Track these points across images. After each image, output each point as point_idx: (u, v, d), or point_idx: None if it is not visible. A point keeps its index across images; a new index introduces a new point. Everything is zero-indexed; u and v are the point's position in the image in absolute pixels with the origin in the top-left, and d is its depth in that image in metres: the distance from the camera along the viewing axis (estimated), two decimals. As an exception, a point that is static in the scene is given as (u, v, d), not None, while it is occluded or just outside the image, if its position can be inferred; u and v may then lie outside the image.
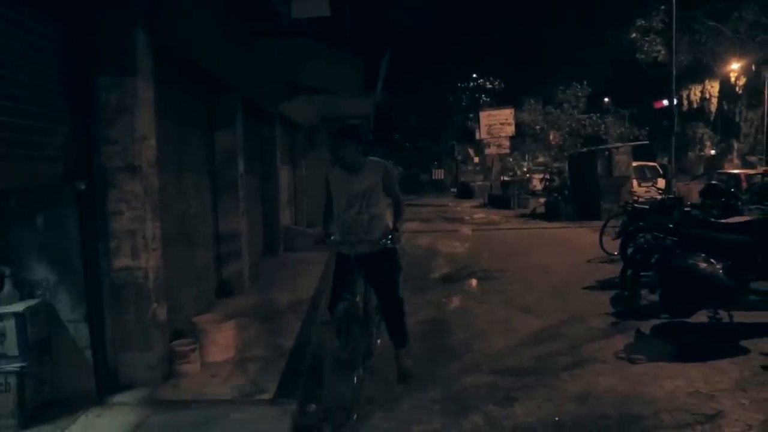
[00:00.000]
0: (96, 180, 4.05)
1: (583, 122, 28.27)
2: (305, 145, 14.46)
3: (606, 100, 34.26)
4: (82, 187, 3.93)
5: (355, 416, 3.68)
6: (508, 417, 3.75)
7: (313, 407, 3.61)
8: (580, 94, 28.50)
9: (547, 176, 21.40)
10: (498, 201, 23.86)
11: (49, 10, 3.70)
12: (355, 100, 12.42)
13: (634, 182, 17.73)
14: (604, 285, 7.52)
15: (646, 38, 24.44)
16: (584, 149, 20.85)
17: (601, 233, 9.87)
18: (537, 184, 26.90)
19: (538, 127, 29.17)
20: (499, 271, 8.85)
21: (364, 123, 16.83)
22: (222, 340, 4.70)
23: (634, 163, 18.08)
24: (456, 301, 6.97)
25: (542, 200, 19.96)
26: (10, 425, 3.59)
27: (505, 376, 4.45)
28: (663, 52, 23.18)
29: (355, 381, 3.99)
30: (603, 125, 28.75)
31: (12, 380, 3.60)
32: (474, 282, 8.25)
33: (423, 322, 5.96)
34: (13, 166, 3.37)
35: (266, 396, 3.92)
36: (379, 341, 4.71)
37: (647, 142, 25.35)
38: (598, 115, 29.21)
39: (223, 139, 7.03)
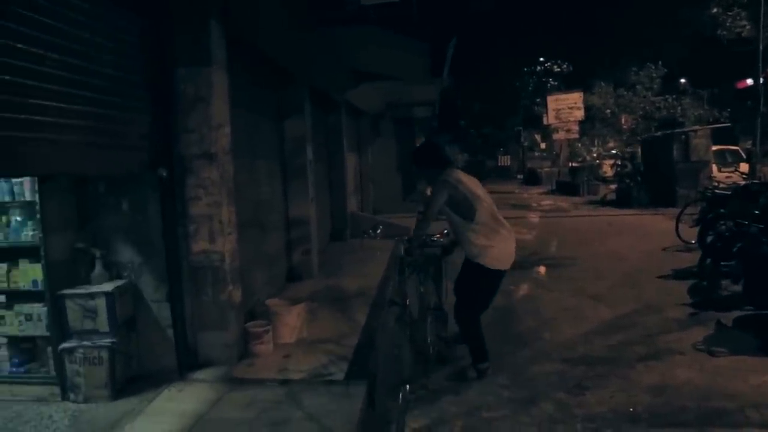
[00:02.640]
0: (176, 167, 4.24)
1: (657, 105, 26.92)
2: (371, 132, 14.56)
3: (682, 80, 32.46)
4: (164, 174, 4.14)
5: (423, 398, 3.71)
6: (579, 405, 3.68)
7: (382, 390, 3.66)
8: (654, 75, 27.10)
9: (619, 161, 20.62)
10: (566, 187, 23.23)
11: (130, 4, 3.89)
12: (420, 87, 12.37)
13: (714, 167, 16.78)
14: (680, 274, 7.20)
15: (729, 13, 22.92)
16: (659, 133, 19.89)
17: (678, 220, 9.43)
18: (607, 169, 25.88)
19: (608, 110, 28.00)
20: (569, 258, 8.63)
21: (430, 109, 16.75)
22: (293, 323, 4.84)
23: (714, 147, 17.12)
24: (524, 289, 6.86)
25: (613, 186, 19.25)
26: (103, 395, 3.87)
27: (576, 365, 4.36)
28: (748, 27, 21.66)
29: (425, 366, 4.02)
30: (679, 107, 27.25)
31: (104, 354, 3.87)
32: (543, 269, 8.09)
33: (492, 309, 5.89)
34: (101, 154, 3.59)
35: (337, 377, 4.02)
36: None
37: (729, 124, 23.85)
38: (674, 96, 27.71)
39: (292, 127, 7.18)
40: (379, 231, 4.54)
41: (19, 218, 4.02)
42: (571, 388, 3.93)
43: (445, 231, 4.36)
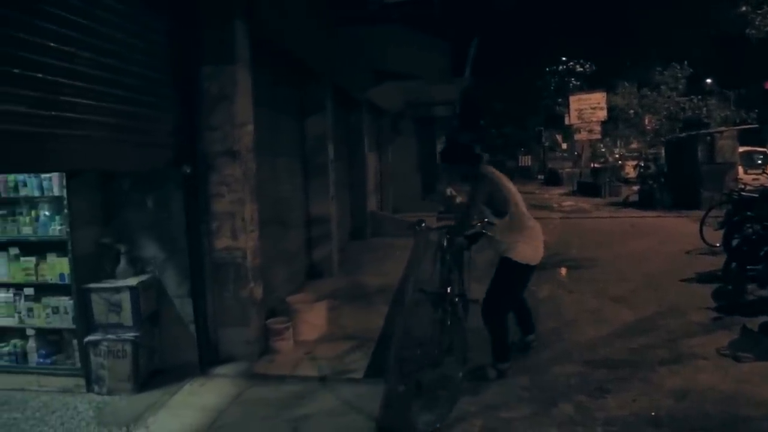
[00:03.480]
0: (199, 164, 4.30)
1: (682, 105, 26.52)
2: (391, 131, 14.57)
3: (708, 81, 31.90)
4: (188, 171, 4.19)
5: (443, 399, 3.71)
6: (600, 408, 3.65)
7: (402, 388, 3.66)
8: (679, 75, 26.71)
9: (642, 163, 20.34)
10: (588, 188, 22.95)
11: (159, 4, 3.94)
12: (441, 86, 12.34)
13: (740, 169, 16.45)
14: (704, 278, 7.08)
15: (759, 11, 22.44)
16: (683, 134, 19.58)
17: (702, 223, 9.26)
18: (630, 171, 25.59)
19: (632, 111, 27.67)
20: (590, 260, 8.55)
21: (451, 109, 16.70)
22: (314, 320, 4.88)
23: (741, 149, 16.78)
24: (545, 289, 6.80)
25: (636, 188, 18.98)
26: (126, 388, 3.94)
27: (597, 367, 4.32)
28: (778, 26, 21.21)
29: (445, 365, 4.00)
30: (705, 108, 26.82)
31: (128, 348, 3.94)
32: (563, 270, 8.02)
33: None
34: (128, 151, 3.65)
35: (356, 375, 4.04)
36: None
37: (757, 125, 23.35)
38: (699, 97, 27.26)
39: (314, 125, 7.22)
40: (423, 225, 4.53)
41: (47, 213, 4.11)
42: (591, 391, 3.89)
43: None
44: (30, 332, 4.20)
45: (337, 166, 8.17)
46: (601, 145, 29.62)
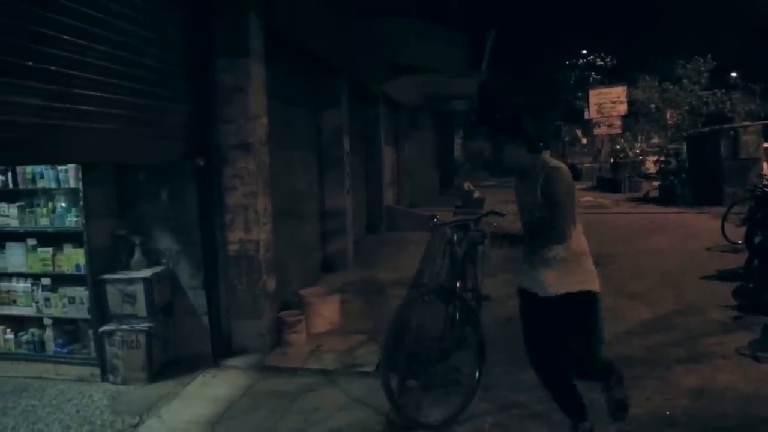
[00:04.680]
0: (213, 157, 4.31)
1: (704, 99, 26.05)
2: (408, 125, 14.51)
3: (733, 74, 31.27)
4: (201, 164, 4.21)
5: (455, 395, 3.68)
6: (614, 407, 3.59)
7: (413, 383, 3.65)
8: (702, 68, 26.24)
9: (663, 158, 20.03)
10: (607, 184, 22.67)
11: (174, -3, 3.95)
12: (459, 80, 12.26)
13: (765, 165, 16.11)
14: (725, 275, 6.94)
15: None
16: (706, 129, 19.22)
17: (724, 219, 9.09)
18: (651, 166, 25.21)
19: (653, 105, 27.26)
20: (608, 256, 8.41)
21: (468, 103, 16.59)
22: (327, 313, 4.88)
23: (766, 144, 16.43)
24: (560, 286, 6.73)
25: (656, 183, 18.71)
26: (140, 378, 3.98)
27: (612, 365, 4.26)
28: (806, 18, 20.70)
29: (457, 361, 3.98)
30: (729, 102, 26.31)
31: (142, 338, 3.98)
32: (579, 267, 7.92)
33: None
34: (142, 143, 3.67)
35: (368, 368, 4.03)
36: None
37: (783, 120, 22.90)
38: (723, 91, 26.75)
39: (329, 118, 7.21)
40: (436, 220, 4.53)
41: (63, 205, 4.15)
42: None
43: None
44: (47, 321, 4.27)
45: (353, 160, 8.15)
46: (622, 140, 29.24)
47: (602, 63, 34.86)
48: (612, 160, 26.02)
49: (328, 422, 3.42)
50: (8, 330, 4.31)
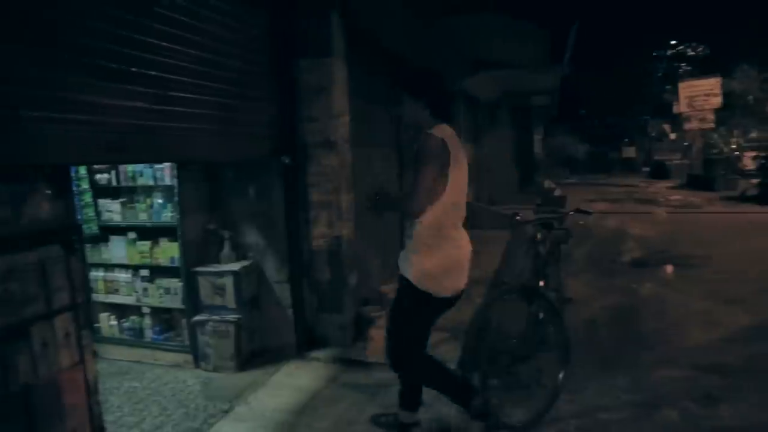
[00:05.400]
0: (298, 155, 4.44)
1: (811, 90, 24.00)
2: (487, 121, 14.31)
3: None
4: (287, 162, 4.35)
5: (538, 396, 3.61)
6: (708, 417, 3.40)
7: (495, 382, 3.61)
8: (809, 56, 24.18)
9: (762, 154, 18.62)
10: (699, 182, 21.36)
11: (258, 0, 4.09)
12: (539, 74, 11.95)
13: None
14: (837, 281, 6.39)
15: None
16: (813, 122, 17.74)
17: (835, 220, 8.36)
18: (748, 162, 23.49)
19: (751, 97, 25.40)
20: (701, 258, 7.96)
21: (549, 98, 16.15)
22: (406, 309, 4.90)
23: None
24: (648, 288, 6.43)
25: (755, 181, 17.42)
26: (229, 366, 4.18)
27: (706, 373, 4.02)
28: None
29: (540, 362, 3.89)
30: (837, 92, 24.13)
31: (231, 328, 4.17)
32: (670, 268, 7.53)
33: (610, 308, 5.62)
34: (231, 143, 3.84)
35: (449, 365, 4.00)
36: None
37: None
38: (831, 80, 24.55)
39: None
40: (518, 218, 4.36)
41: (160, 201, 4.42)
42: (699, 398, 3.62)
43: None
44: (145, 310, 4.56)
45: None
46: (715, 135, 27.47)
47: (693, 53, 32.91)
48: (704, 157, 24.48)
49: (409, 417, 3.44)
50: (112, 317, 4.65)
